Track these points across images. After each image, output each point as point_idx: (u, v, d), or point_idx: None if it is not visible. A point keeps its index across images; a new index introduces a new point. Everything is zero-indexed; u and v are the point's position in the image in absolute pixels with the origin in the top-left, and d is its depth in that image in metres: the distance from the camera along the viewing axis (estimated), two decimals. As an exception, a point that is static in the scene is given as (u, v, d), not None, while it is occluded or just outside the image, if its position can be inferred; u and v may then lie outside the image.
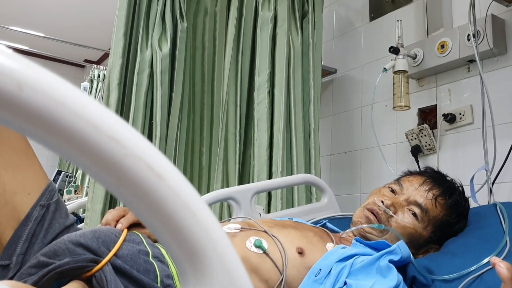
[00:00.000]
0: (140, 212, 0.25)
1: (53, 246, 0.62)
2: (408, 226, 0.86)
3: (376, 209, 0.89)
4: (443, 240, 0.90)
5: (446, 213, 0.89)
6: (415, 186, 0.91)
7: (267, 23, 1.56)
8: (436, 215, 0.88)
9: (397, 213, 0.88)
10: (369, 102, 1.68)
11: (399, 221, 0.86)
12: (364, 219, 0.89)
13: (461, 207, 0.92)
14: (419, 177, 0.94)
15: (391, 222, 0.87)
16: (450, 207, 0.89)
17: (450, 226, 0.89)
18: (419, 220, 0.87)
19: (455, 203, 0.90)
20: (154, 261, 0.67)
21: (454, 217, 0.90)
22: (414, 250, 0.87)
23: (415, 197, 0.89)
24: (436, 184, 0.91)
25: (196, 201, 0.25)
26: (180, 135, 1.51)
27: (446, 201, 0.89)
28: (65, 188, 2.68)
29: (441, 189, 0.90)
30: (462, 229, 0.91)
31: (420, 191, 0.90)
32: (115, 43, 1.42)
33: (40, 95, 0.21)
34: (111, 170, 0.23)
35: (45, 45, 3.49)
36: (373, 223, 0.87)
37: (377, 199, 0.90)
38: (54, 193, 0.75)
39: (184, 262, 0.25)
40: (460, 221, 0.91)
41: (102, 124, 0.23)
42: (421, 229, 0.87)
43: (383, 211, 0.88)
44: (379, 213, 0.88)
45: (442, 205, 0.89)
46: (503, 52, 1.34)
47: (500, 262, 0.48)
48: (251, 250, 0.76)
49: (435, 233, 0.88)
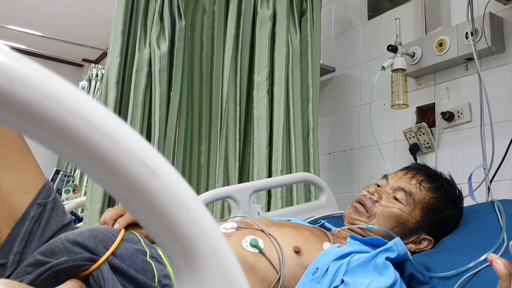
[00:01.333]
0: (134, 209, 0.25)
1: (50, 244, 0.62)
2: (393, 208, 0.89)
3: (362, 198, 0.93)
4: (436, 230, 0.90)
5: (432, 196, 0.91)
6: (399, 175, 0.95)
7: (266, 22, 1.56)
8: (422, 198, 0.90)
9: (381, 199, 0.91)
10: (367, 101, 1.68)
11: (383, 204, 0.90)
12: (352, 209, 0.93)
13: (448, 192, 0.93)
14: (404, 170, 0.98)
15: (376, 206, 0.90)
16: (436, 190, 0.91)
17: (439, 211, 0.90)
18: (404, 203, 0.90)
19: (441, 187, 0.92)
20: (151, 261, 0.67)
21: (442, 200, 0.91)
22: (404, 237, 0.88)
23: (398, 184, 0.93)
24: (419, 172, 0.95)
25: (191, 198, 0.25)
26: (178, 134, 1.51)
27: (431, 185, 0.92)
28: (64, 187, 2.68)
29: (425, 175, 0.93)
30: (453, 218, 0.92)
31: (404, 179, 0.94)
32: (113, 41, 1.42)
33: (32, 90, 0.21)
34: (105, 166, 0.23)
35: (43, 44, 3.49)
36: (360, 211, 0.91)
37: (364, 191, 0.95)
38: (51, 192, 0.75)
39: (178, 259, 0.25)
40: (448, 206, 0.91)
41: (95, 120, 0.23)
42: (408, 211, 0.89)
43: (369, 197, 0.92)
44: (364, 201, 0.92)
45: (427, 189, 0.91)
46: (501, 50, 1.34)
47: (497, 259, 0.48)
48: (247, 249, 0.76)
49: (424, 219, 0.89)
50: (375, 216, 0.89)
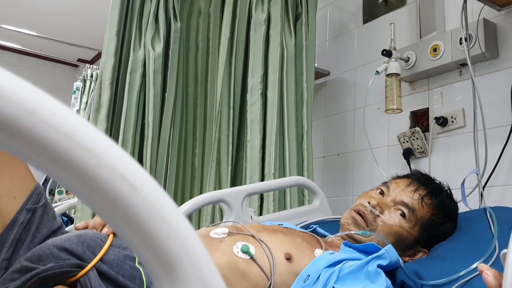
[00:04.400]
0: (115, 224, 0.24)
1: (37, 250, 0.61)
2: (394, 225, 0.87)
3: (362, 209, 0.89)
4: (431, 243, 0.90)
5: (432, 213, 0.89)
6: (402, 187, 0.92)
7: (261, 25, 1.55)
8: (423, 215, 0.89)
9: (383, 213, 0.88)
10: (361, 105, 1.68)
11: (385, 220, 0.87)
12: (351, 221, 0.90)
13: (448, 208, 0.92)
14: (406, 180, 0.95)
15: (377, 221, 0.87)
16: (437, 207, 0.90)
17: (437, 227, 0.89)
18: (406, 219, 0.87)
19: (442, 203, 0.91)
20: (140, 267, 0.66)
21: (441, 217, 0.90)
22: (401, 252, 0.87)
23: (401, 197, 0.90)
24: (422, 185, 0.92)
25: (172, 212, 0.24)
26: (172, 136, 1.50)
27: (432, 201, 0.90)
28: (57, 188, 2.66)
29: (428, 190, 0.91)
30: (449, 231, 0.91)
31: (407, 192, 0.91)
32: (107, 42, 1.41)
33: (9, 104, 0.21)
34: (84, 180, 0.23)
35: (38, 44, 3.47)
36: (359, 224, 0.88)
37: (364, 201, 0.91)
38: (42, 196, 0.74)
39: (159, 274, 0.25)
40: (446, 222, 0.91)
41: (74, 133, 0.22)
42: (408, 228, 0.87)
43: (370, 211, 0.88)
44: (366, 213, 0.89)
45: (429, 205, 0.89)
46: (495, 56, 1.35)
47: (488, 270, 0.48)
48: (238, 255, 0.75)
49: (422, 234, 0.88)
50: (374, 231, 0.87)
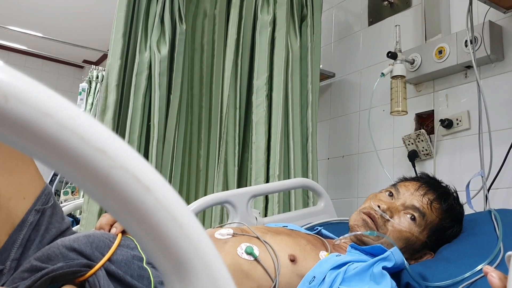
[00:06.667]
0: (128, 224, 0.25)
1: (47, 250, 0.62)
2: (404, 230, 0.86)
3: (372, 213, 0.89)
4: (437, 245, 0.90)
5: (441, 218, 0.89)
6: (411, 191, 0.92)
7: (266, 27, 1.56)
8: (433, 220, 0.89)
9: (393, 217, 0.88)
10: (366, 107, 1.68)
11: (396, 225, 0.87)
12: (361, 223, 0.89)
13: (456, 212, 0.92)
14: (414, 183, 0.94)
15: (387, 226, 0.87)
16: (445, 212, 0.90)
17: (444, 231, 0.90)
18: (416, 224, 0.87)
19: (450, 208, 0.91)
20: (148, 267, 0.67)
21: (449, 221, 0.90)
22: (409, 256, 0.87)
23: (411, 202, 0.90)
24: (431, 189, 0.92)
25: (184, 213, 0.25)
26: (178, 137, 1.51)
27: (441, 205, 0.90)
28: (62, 189, 2.68)
29: (436, 194, 0.91)
30: (455, 234, 0.92)
31: (416, 196, 0.90)
32: (113, 44, 1.42)
33: (26, 106, 0.21)
34: (98, 181, 0.23)
35: (44, 45, 3.49)
36: (370, 227, 0.87)
37: (374, 204, 0.90)
38: (50, 197, 0.74)
39: (171, 274, 0.25)
40: (454, 225, 0.91)
41: (89, 136, 0.23)
42: (418, 233, 0.87)
43: (380, 215, 0.88)
44: (376, 217, 0.88)
45: (437, 209, 0.90)
46: (500, 59, 1.35)
47: (492, 272, 0.48)
48: (242, 257, 0.75)
49: (430, 238, 0.88)
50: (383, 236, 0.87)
